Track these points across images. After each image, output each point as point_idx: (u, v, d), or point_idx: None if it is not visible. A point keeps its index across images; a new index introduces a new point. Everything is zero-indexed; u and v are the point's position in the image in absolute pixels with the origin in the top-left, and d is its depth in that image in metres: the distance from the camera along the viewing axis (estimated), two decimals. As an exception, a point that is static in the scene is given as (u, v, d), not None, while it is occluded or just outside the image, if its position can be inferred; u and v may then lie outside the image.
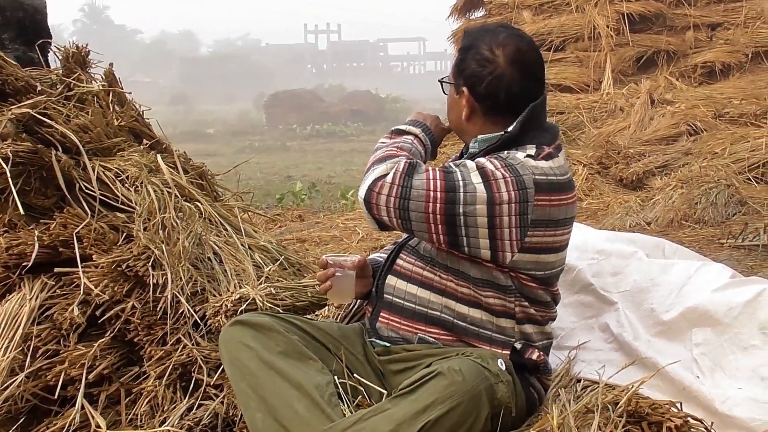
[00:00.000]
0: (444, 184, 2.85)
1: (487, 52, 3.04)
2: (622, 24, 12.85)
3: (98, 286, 3.49)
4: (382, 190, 2.88)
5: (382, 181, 2.89)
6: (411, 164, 2.91)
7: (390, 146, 3.08)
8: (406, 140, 3.15)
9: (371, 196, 2.90)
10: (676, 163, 9.83)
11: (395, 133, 3.21)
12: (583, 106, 12.34)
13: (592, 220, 8.00)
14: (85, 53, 4.30)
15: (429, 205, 2.85)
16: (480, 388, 2.71)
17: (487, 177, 2.86)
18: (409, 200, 2.85)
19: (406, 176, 2.87)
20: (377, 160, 2.98)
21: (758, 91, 11.55)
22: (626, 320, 3.59)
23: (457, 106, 3.15)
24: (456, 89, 3.14)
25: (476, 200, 2.84)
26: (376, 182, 2.89)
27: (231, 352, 2.96)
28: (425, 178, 2.87)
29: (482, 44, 3.06)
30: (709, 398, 3.12)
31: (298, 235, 8.13)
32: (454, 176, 2.87)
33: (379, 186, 2.88)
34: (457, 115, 3.16)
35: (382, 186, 2.88)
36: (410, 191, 2.85)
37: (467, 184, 2.85)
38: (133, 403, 3.45)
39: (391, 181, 2.87)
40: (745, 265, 5.70)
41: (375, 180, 2.90)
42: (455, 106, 3.17)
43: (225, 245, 3.89)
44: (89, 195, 3.79)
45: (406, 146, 3.10)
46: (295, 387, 2.82)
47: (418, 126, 3.24)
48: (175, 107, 48.35)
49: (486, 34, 3.10)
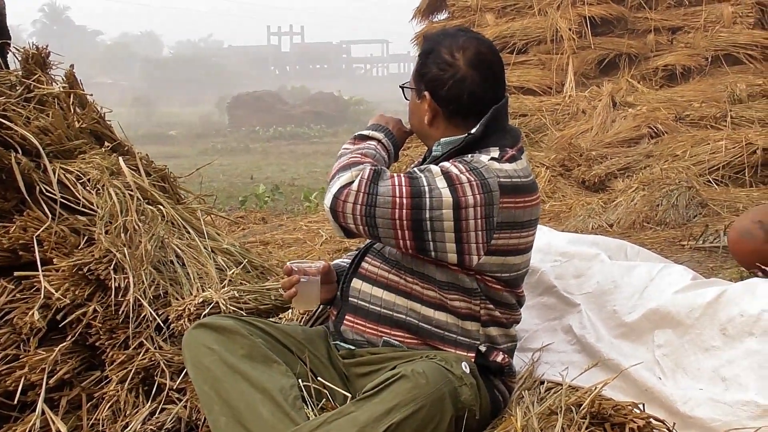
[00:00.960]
0: (410, 190, 2.85)
1: (448, 56, 3.04)
2: (584, 27, 12.95)
3: (59, 290, 3.46)
4: (348, 198, 2.87)
5: (347, 189, 2.88)
6: (376, 171, 2.90)
7: (354, 153, 3.07)
8: (369, 146, 3.14)
9: (337, 204, 2.89)
10: (637, 166, 9.89)
11: (358, 139, 3.20)
12: (546, 109, 12.42)
13: (555, 222, 8.03)
14: (45, 54, 4.27)
15: (395, 211, 2.85)
16: (443, 391, 2.71)
17: (452, 181, 2.87)
18: (376, 207, 2.85)
19: (372, 183, 2.87)
20: (341, 168, 2.97)
21: (718, 94, 11.67)
22: (589, 322, 3.61)
23: (419, 111, 3.15)
24: (417, 94, 3.14)
25: (442, 205, 2.85)
26: (342, 190, 2.88)
27: (194, 355, 2.94)
28: (390, 185, 2.87)
29: (442, 48, 3.06)
30: (671, 399, 3.14)
31: (261, 237, 8.11)
32: (419, 182, 2.88)
33: (345, 194, 2.87)
34: (420, 119, 3.16)
35: (347, 194, 2.87)
36: (376, 198, 2.85)
37: (433, 189, 2.85)
38: (94, 407, 3.42)
39: (356, 189, 2.87)
40: (706, 267, 5.75)
41: (340, 188, 2.89)
42: (417, 110, 3.17)
43: (187, 248, 3.87)
44: (50, 198, 3.76)
45: (369, 152, 3.09)
46: (259, 390, 2.81)
47: (380, 131, 3.24)
48: (137, 109, 48.02)
49: (446, 38, 3.10)
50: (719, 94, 11.68)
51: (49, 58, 4.29)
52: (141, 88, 66.68)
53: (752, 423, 2.91)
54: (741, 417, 2.96)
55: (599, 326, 3.57)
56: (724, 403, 3.02)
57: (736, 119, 10.93)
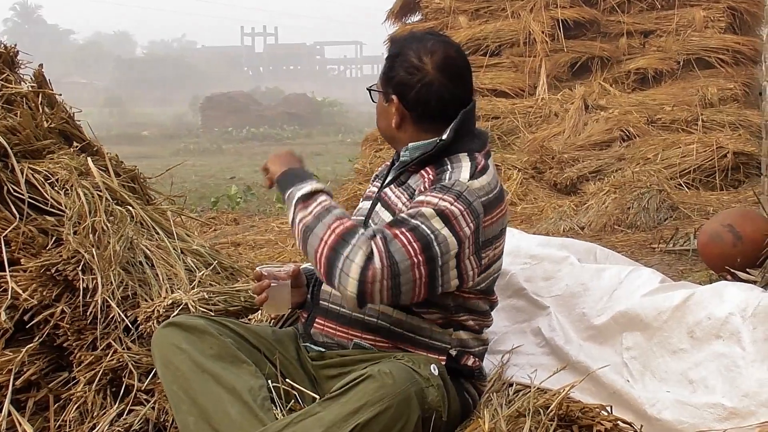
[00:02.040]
0: (420, 245, 2.75)
1: (416, 60, 3.02)
2: (557, 30, 13.00)
3: (26, 291, 3.44)
4: (375, 278, 2.69)
5: (371, 269, 2.69)
6: (382, 236, 2.74)
7: (327, 219, 2.81)
8: (326, 203, 2.88)
9: (365, 288, 2.70)
10: (609, 169, 9.95)
11: (303, 200, 2.90)
12: (518, 111, 12.45)
13: (526, 225, 8.07)
14: (13, 53, 4.24)
15: (415, 272, 2.75)
16: (410, 392, 2.69)
17: (448, 219, 2.81)
18: (400, 276, 2.72)
19: (387, 252, 2.71)
20: (336, 245, 2.74)
21: (689, 98, 11.75)
22: (558, 324, 3.62)
23: (387, 114, 3.13)
24: (385, 97, 3.12)
25: (449, 248, 2.81)
26: (366, 272, 2.68)
27: (163, 354, 2.93)
28: (401, 246, 2.73)
29: (410, 52, 3.04)
30: (638, 401, 3.15)
31: (233, 238, 8.10)
32: (422, 231, 2.76)
33: (371, 275, 2.69)
34: (387, 123, 3.14)
35: (374, 274, 2.69)
36: (398, 266, 2.71)
37: (437, 235, 2.77)
38: (62, 409, 3.40)
39: (380, 265, 2.69)
40: (676, 270, 5.78)
41: (362, 270, 2.68)
42: (384, 113, 3.15)
43: (157, 249, 3.85)
44: (18, 198, 3.73)
45: (337, 210, 2.85)
46: (228, 391, 2.80)
47: (307, 177, 2.99)
48: (110, 109, 47.84)
49: (413, 42, 3.08)
50: (691, 98, 11.76)
51: (18, 57, 4.26)
52: (113, 88, 66.52)
53: (719, 425, 2.93)
54: (708, 419, 2.97)
55: (568, 329, 3.58)
56: (691, 405, 3.03)
57: (708, 123, 11.02)
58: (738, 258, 4.92)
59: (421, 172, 3.05)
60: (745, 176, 9.81)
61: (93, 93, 56.76)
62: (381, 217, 3.07)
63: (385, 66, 3.13)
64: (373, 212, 3.15)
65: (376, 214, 3.12)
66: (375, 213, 3.13)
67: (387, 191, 3.15)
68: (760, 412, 2.90)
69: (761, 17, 10.99)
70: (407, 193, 3.05)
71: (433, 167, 3.02)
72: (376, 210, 3.14)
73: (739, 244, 5.06)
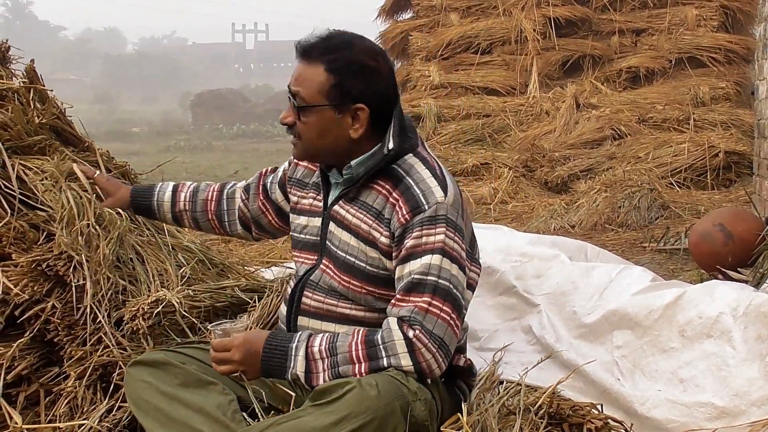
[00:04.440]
0: (450, 305, 2.75)
1: (372, 62, 2.89)
2: (549, 28, 12.99)
3: (17, 286, 3.43)
4: (431, 367, 2.74)
5: (422, 362, 2.73)
6: (416, 322, 2.73)
7: (339, 358, 2.78)
8: (320, 348, 2.81)
9: (423, 369, 2.74)
10: (600, 167, 9.97)
11: (308, 370, 2.80)
12: (510, 110, 12.46)
13: (517, 223, 8.08)
14: (5, 48, 4.22)
15: (453, 327, 2.76)
16: (395, 405, 2.62)
17: (453, 257, 2.78)
18: (444, 340, 2.74)
19: (431, 335, 2.72)
20: (370, 366, 2.75)
21: (681, 97, 11.77)
22: (548, 322, 3.63)
23: (338, 128, 2.89)
24: (337, 110, 2.87)
25: (461, 280, 2.80)
26: (419, 366, 2.73)
27: (133, 391, 2.99)
28: (437, 318, 2.73)
29: (365, 57, 2.89)
30: (629, 400, 3.16)
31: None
32: (443, 287, 2.75)
33: (425, 367, 2.74)
34: (339, 135, 2.91)
35: (428, 366, 2.74)
36: (443, 338, 2.73)
37: (452, 279, 2.77)
38: (52, 403, 3.39)
39: (429, 355, 2.72)
40: (667, 269, 5.80)
41: (416, 368, 2.73)
42: (332, 128, 2.90)
43: (147, 245, 3.84)
44: (9, 193, 3.72)
45: (337, 342, 2.81)
46: (197, 412, 2.83)
47: (282, 356, 2.85)
48: (100, 106, 47.79)
49: (355, 43, 2.91)
50: (682, 97, 11.78)
51: (9, 52, 4.24)
52: (103, 85, 66.43)
53: (709, 424, 2.94)
54: (698, 418, 2.99)
55: (559, 327, 3.59)
56: (681, 404, 3.04)
57: (699, 122, 11.04)
58: (729, 257, 4.93)
59: (372, 186, 2.92)
60: (737, 175, 9.85)
61: (81, 89, 56.61)
62: (340, 238, 2.95)
63: (332, 77, 2.86)
64: (328, 232, 3.01)
65: (332, 234, 2.98)
66: (331, 233, 2.99)
67: (338, 210, 2.99)
68: (750, 411, 2.92)
69: (754, 16, 11.00)
70: (370, 214, 2.90)
71: (386, 179, 2.90)
72: (330, 230, 3.00)
73: (730, 243, 5.08)
